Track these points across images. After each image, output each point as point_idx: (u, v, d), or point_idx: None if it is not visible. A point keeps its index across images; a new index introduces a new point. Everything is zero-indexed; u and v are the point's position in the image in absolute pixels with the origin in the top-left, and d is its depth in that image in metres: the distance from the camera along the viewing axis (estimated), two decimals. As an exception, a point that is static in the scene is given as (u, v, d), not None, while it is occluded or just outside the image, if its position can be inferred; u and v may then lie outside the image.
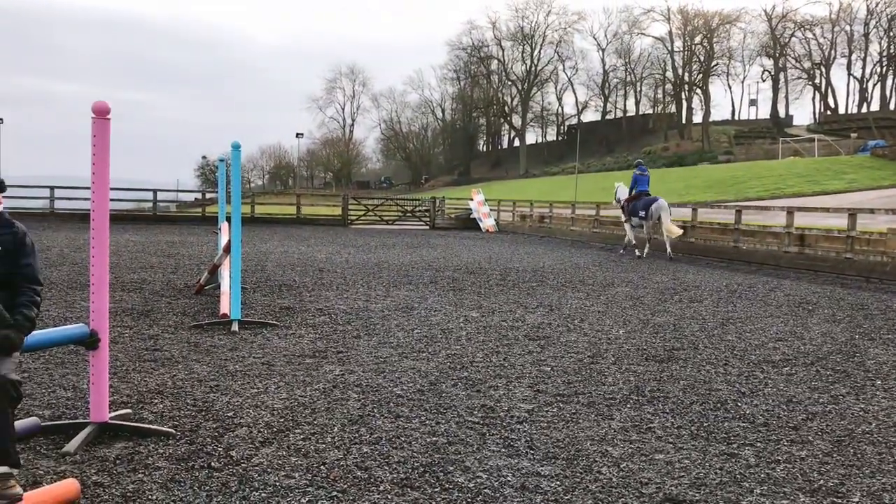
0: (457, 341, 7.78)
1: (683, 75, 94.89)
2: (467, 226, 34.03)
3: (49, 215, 29.21)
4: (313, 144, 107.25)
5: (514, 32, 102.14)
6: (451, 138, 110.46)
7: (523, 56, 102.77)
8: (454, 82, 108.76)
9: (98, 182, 4.45)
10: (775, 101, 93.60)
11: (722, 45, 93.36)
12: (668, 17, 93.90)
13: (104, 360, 4.55)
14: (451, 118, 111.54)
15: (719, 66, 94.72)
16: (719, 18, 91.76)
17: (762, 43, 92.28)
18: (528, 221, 32.66)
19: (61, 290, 10.25)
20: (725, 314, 10.11)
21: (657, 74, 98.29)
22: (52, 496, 3.52)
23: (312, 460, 4.26)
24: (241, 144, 8.82)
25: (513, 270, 15.11)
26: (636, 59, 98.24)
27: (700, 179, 54.14)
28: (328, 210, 37.31)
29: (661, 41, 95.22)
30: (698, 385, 6.26)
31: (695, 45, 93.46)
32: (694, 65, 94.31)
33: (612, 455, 4.50)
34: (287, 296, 10.67)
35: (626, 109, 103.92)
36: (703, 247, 20.48)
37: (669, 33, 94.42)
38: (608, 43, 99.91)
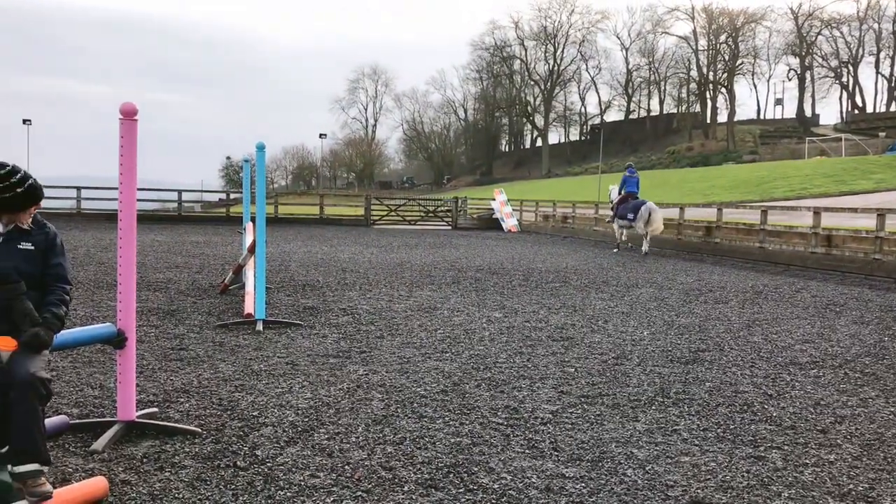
0: (480, 342, 7.78)
1: (708, 74, 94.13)
2: (490, 226, 33.99)
3: (76, 215, 29.56)
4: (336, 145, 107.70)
5: (538, 32, 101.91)
6: (474, 138, 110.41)
7: (546, 56, 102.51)
8: (477, 82, 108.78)
9: (126, 183, 4.49)
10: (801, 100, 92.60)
11: (747, 44, 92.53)
12: (692, 16, 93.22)
13: (131, 359, 4.59)
14: (473, 118, 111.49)
15: (744, 64, 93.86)
16: (744, 17, 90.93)
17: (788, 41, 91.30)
18: (551, 222, 32.55)
19: (88, 290, 10.36)
20: (751, 315, 10.01)
21: (681, 73, 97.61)
22: (80, 494, 3.56)
23: (337, 460, 4.28)
24: (266, 145, 8.87)
25: (536, 271, 15.06)
26: (660, 59, 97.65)
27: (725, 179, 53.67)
28: (351, 210, 37.43)
29: (685, 40, 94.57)
30: (724, 387, 6.20)
31: (720, 44, 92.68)
32: (719, 64, 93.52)
33: (637, 457, 4.47)
34: (311, 296, 10.72)
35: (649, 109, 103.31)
36: (728, 247, 20.30)
37: (694, 32, 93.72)
38: (632, 42, 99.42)
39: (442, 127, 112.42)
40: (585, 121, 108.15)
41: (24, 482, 3.37)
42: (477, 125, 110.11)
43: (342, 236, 24.96)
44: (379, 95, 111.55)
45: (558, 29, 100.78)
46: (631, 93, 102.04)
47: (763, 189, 43.32)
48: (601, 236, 26.38)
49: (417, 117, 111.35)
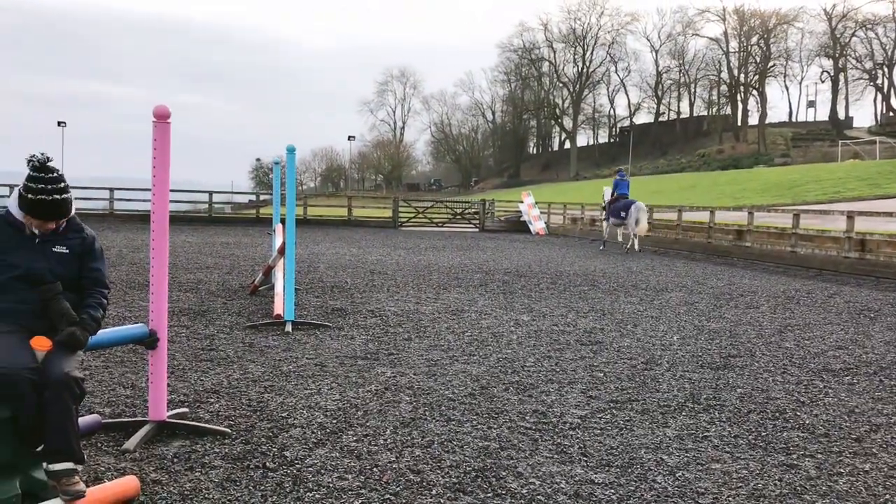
0: (507, 345, 7.75)
1: (739, 76, 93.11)
2: (517, 228, 33.90)
3: (108, 216, 29.95)
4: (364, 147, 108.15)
5: (566, 34, 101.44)
6: (501, 140, 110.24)
7: (575, 58, 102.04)
8: (505, 84, 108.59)
9: (159, 184, 4.54)
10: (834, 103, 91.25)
11: (779, 46, 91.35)
12: (723, 18, 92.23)
13: (162, 359, 4.64)
14: (501, 120, 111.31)
15: (776, 66, 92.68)
16: (776, 18, 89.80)
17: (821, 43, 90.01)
18: (580, 224, 32.39)
19: (120, 290, 10.49)
20: (783, 321, 9.88)
21: (712, 76, 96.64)
22: (112, 492, 3.60)
23: (365, 462, 4.28)
24: (296, 147, 8.93)
25: (564, 274, 15.00)
26: (690, 61, 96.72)
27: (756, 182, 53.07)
28: (379, 212, 37.53)
29: (716, 42, 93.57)
30: (756, 393, 6.13)
31: (751, 46, 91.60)
32: (750, 66, 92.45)
33: (667, 463, 4.43)
34: (339, 297, 10.76)
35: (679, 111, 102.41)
36: (759, 251, 20.07)
37: (725, 34, 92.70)
38: (662, 44, 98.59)
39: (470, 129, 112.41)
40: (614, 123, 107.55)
41: (59, 480, 3.42)
42: (505, 127, 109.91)
43: (370, 238, 25.04)
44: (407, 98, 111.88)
45: (587, 31, 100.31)
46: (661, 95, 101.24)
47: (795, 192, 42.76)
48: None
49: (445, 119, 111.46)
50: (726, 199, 41.81)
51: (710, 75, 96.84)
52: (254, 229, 27.11)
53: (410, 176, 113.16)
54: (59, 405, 3.37)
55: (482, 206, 35.91)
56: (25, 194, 3.58)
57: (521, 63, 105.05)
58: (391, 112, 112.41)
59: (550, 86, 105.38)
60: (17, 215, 3.67)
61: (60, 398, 3.37)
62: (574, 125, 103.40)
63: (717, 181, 58.74)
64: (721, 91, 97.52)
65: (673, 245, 23.72)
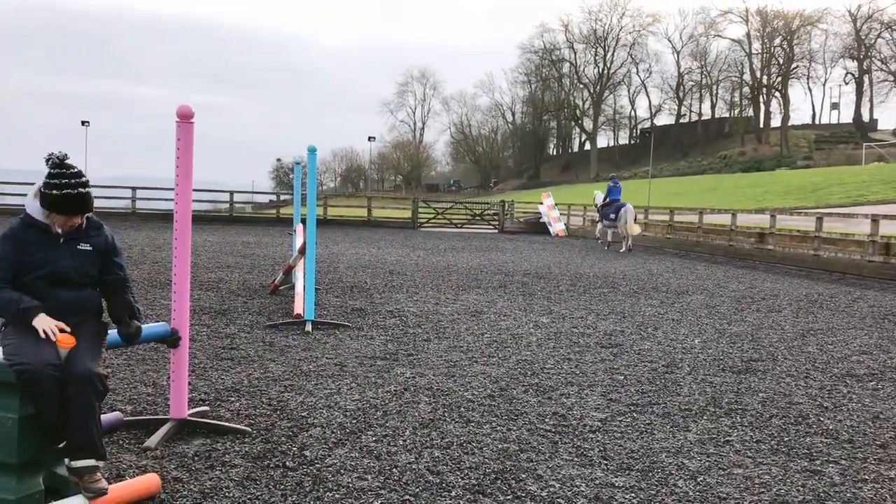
0: (527, 347, 7.73)
1: (761, 78, 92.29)
2: (537, 230, 33.81)
3: (131, 215, 30.21)
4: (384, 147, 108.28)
5: (587, 35, 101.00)
6: (521, 141, 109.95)
7: (596, 59, 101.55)
8: (525, 85, 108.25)
9: (182, 184, 4.57)
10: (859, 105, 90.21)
11: (802, 47, 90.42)
12: (746, 19, 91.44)
13: (184, 358, 4.67)
14: (521, 121, 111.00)
15: (799, 68, 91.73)
16: (800, 20, 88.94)
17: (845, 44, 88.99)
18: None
19: (142, 288, 10.57)
20: (805, 325, 9.78)
21: (734, 77, 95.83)
22: (134, 490, 3.62)
23: (385, 463, 4.28)
24: (316, 148, 8.96)
25: (583, 276, 14.94)
26: (712, 62, 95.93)
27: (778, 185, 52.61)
28: (398, 213, 37.56)
29: (738, 43, 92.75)
30: (778, 398, 6.07)
31: (774, 48, 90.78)
32: (773, 67, 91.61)
33: (688, 468, 4.39)
34: (358, 297, 10.78)
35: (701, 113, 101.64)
36: (781, 254, 19.89)
37: (747, 35, 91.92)
38: (683, 45, 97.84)
39: (489, 130, 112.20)
40: (635, 124, 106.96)
41: (81, 477, 3.44)
42: (525, 128, 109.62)
43: (389, 238, 25.08)
44: (427, 98, 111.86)
45: (608, 32, 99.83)
46: (682, 96, 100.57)
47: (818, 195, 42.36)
48: (650, 242, 26.08)
49: (465, 120, 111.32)
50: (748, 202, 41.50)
51: (733, 77, 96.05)
52: (274, 229, 27.23)
53: (430, 177, 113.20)
54: (83, 402, 3.40)
55: (501, 208, 35.85)
56: (49, 191, 3.59)
57: (542, 64, 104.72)
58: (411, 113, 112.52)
59: (571, 87, 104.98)
60: (39, 216, 3.66)
61: (84, 395, 3.40)
62: (594, 126, 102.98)
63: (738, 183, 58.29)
64: (743, 93, 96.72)
65: (694, 248, 23.56)
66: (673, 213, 26.86)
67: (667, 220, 26.66)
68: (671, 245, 24.87)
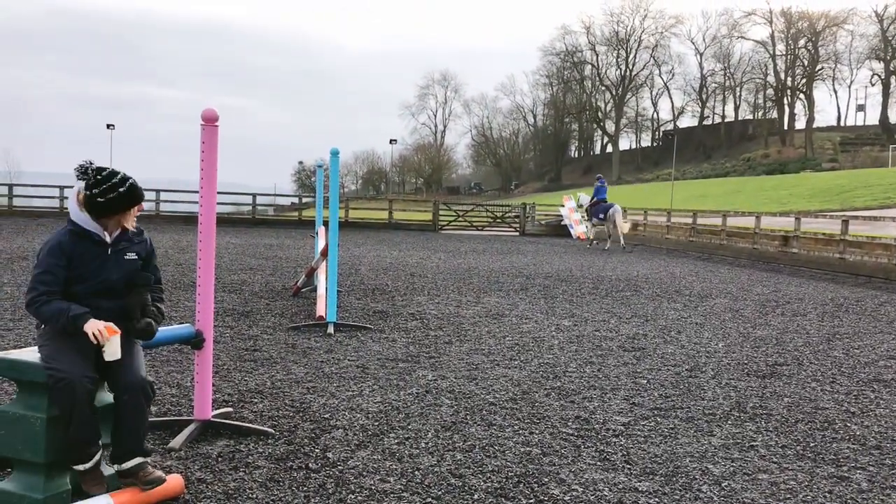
0: (549, 350, 7.71)
1: (786, 80, 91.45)
2: (558, 233, 33.69)
3: (155, 217, 30.47)
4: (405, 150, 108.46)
5: (609, 37, 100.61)
6: (542, 144, 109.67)
7: (618, 61, 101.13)
8: (546, 88, 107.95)
9: (206, 187, 4.60)
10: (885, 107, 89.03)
11: (828, 49, 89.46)
12: (770, 20, 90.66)
13: (208, 359, 4.70)
14: (542, 124, 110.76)
15: (824, 70, 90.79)
16: (825, 20, 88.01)
17: (872, 45, 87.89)
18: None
19: (166, 290, 10.62)
20: (831, 329, 9.67)
21: (758, 79, 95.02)
22: (158, 490, 3.64)
23: (407, 465, 4.29)
24: (339, 150, 9.00)
25: (605, 279, 14.87)
26: (735, 64, 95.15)
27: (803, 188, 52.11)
28: (419, 215, 37.58)
29: (762, 45, 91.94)
30: (803, 403, 6.00)
31: (798, 49, 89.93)
32: (797, 69, 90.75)
33: (712, 473, 4.36)
34: (380, 300, 10.81)
35: (724, 115, 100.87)
36: (806, 258, 19.68)
37: (771, 36, 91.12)
38: (706, 47, 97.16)
39: (511, 133, 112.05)
40: (657, 126, 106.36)
41: (136, 476, 3.56)
42: (546, 131, 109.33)
43: (410, 241, 25.11)
44: (448, 101, 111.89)
45: (631, 34, 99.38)
46: (705, 98, 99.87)
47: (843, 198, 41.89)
48: (673, 244, 25.91)
49: (486, 123, 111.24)
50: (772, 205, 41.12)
51: (756, 79, 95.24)
52: (296, 231, 27.34)
53: (451, 179, 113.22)
54: (137, 409, 3.54)
55: (522, 210, 35.78)
56: (102, 198, 3.56)
57: (563, 66, 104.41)
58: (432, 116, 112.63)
59: (593, 89, 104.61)
60: (86, 224, 3.62)
61: (137, 402, 3.54)
62: (616, 129, 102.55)
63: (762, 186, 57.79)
64: (767, 95, 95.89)
65: (717, 251, 23.38)
66: (696, 216, 26.66)
67: (690, 223, 26.49)
68: (694, 248, 24.70)
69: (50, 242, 3.59)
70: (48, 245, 3.58)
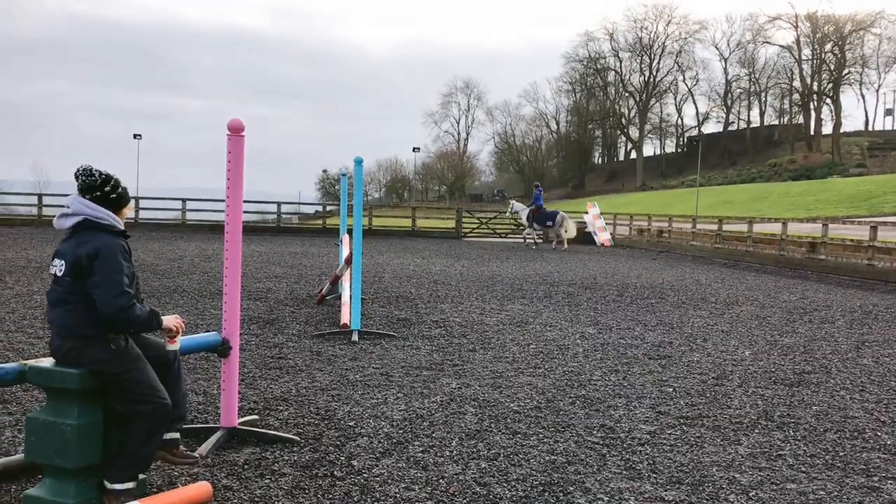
0: (573, 358, 7.68)
1: (812, 85, 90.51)
2: (582, 240, 33.58)
3: (181, 226, 30.78)
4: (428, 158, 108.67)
5: (633, 43, 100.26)
6: (566, 151, 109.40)
7: (641, 67, 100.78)
8: (569, 94, 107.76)
9: (232, 196, 4.64)
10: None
11: (855, 53, 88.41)
12: (795, 25, 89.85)
13: (235, 367, 4.73)
14: (565, 130, 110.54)
15: (851, 74, 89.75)
16: (852, 24, 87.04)
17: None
18: (646, 236, 31.91)
19: (192, 298, 10.75)
20: (860, 336, 9.55)
21: (783, 84, 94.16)
22: (186, 497, 3.67)
23: (431, 473, 4.29)
24: (363, 159, 9.04)
25: (630, 286, 14.79)
26: (761, 69, 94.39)
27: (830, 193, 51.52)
28: (442, 223, 37.63)
29: (787, 49, 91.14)
30: (832, 411, 5.93)
31: (824, 53, 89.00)
32: (823, 73, 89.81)
33: (740, 482, 4.31)
34: (404, 307, 10.83)
35: (749, 120, 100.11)
36: (834, 264, 19.44)
37: (797, 41, 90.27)
38: (731, 52, 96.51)
39: (534, 140, 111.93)
40: (682, 132, 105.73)
41: (171, 451, 3.79)
42: (569, 137, 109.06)
43: (433, 248, 25.14)
44: (471, 109, 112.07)
45: (654, 40, 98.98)
46: (730, 104, 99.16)
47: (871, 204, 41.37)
48: (698, 251, 25.73)
49: (509, 130, 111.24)
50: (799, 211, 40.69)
51: (782, 84, 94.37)
52: (320, 239, 27.48)
53: (473, 187, 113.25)
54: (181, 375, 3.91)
55: (546, 217, 35.64)
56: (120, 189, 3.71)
57: (587, 73, 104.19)
58: (455, 123, 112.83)
59: (616, 95, 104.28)
60: (118, 223, 3.69)
61: (180, 370, 3.90)
62: (640, 135, 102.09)
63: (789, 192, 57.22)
64: (793, 100, 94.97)
65: (743, 257, 23.17)
66: (721, 222, 26.45)
67: (715, 230, 26.28)
68: (720, 255, 24.50)
69: (109, 247, 3.55)
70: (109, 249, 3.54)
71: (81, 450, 3.47)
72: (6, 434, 4.70)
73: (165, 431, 3.69)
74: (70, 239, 3.62)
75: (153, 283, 12.08)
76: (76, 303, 3.54)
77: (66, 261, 3.55)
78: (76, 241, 3.58)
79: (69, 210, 3.62)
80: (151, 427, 3.57)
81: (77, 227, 3.61)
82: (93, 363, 3.53)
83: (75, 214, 3.61)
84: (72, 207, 3.62)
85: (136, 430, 3.54)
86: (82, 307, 3.54)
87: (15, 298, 10.11)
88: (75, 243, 3.58)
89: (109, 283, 3.49)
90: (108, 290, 3.48)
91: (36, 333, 7.83)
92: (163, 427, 3.63)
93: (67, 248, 3.59)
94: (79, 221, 3.60)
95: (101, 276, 3.50)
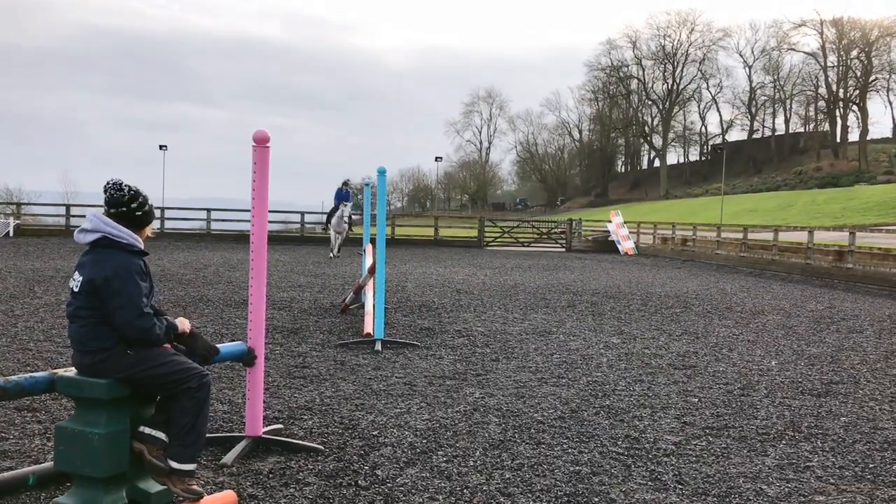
0: (597, 368, 7.64)
1: (838, 91, 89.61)
2: (605, 249, 33.44)
3: (206, 236, 31.06)
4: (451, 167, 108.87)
5: (656, 51, 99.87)
6: (588, 159, 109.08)
7: (665, 75, 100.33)
8: (592, 103, 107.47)
9: (258, 206, 4.68)
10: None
11: (882, 59, 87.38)
12: (820, 31, 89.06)
13: (259, 376, 4.77)
14: (588, 139, 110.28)
15: (878, 80, 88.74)
16: (879, 30, 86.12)
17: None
18: (670, 244, 31.72)
19: (217, 308, 10.83)
20: (889, 346, 9.41)
21: (809, 91, 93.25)
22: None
23: (455, 483, 4.28)
24: (386, 169, 9.09)
25: (654, 295, 14.70)
26: (785, 76, 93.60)
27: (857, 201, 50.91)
28: (464, 232, 37.69)
29: (812, 56, 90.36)
30: (861, 422, 5.85)
31: (850, 60, 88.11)
32: (850, 80, 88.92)
33: (767, 494, 4.27)
34: (426, 316, 10.84)
35: (774, 128, 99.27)
36: (861, 273, 19.20)
37: (822, 48, 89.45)
38: (755, 59, 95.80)
39: (556, 148, 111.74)
40: (706, 140, 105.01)
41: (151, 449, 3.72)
42: (592, 146, 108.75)
43: (456, 257, 25.15)
44: (493, 118, 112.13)
45: (677, 48, 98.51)
46: (754, 111, 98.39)
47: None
48: (723, 260, 25.52)
49: (531, 139, 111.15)
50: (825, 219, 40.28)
51: (807, 91, 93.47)
52: (343, 249, 27.59)
53: (496, 195, 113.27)
54: None
55: (569, 226, 35.60)
56: (146, 207, 3.71)
57: (609, 81, 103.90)
58: (477, 132, 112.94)
59: (639, 103, 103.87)
60: (137, 242, 3.68)
61: None
62: (664, 143, 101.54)
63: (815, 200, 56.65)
64: (818, 107, 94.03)
65: (769, 266, 22.96)
66: (747, 231, 26.23)
67: (740, 238, 26.06)
68: (745, 264, 24.29)
69: (126, 268, 3.55)
70: (125, 271, 3.54)
71: (109, 459, 3.50)
72: (35, 442, 4.76)
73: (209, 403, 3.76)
74: (89, 254, 3.64)
75: (178, 293, 12.19)
76: (87, 317, 3.55)
77: (83, 278, 3.56)
78: (93, 259, 3.59)
79: (88, 226, 3.61)
80: (199, 398, 3.63)
81: (95, 244, 3.61)
82: (119, 371, 3.55)
83: (94, 231, 3.60)
84: (91, 224, 3.61)
85: (182, 406, 3.60)
86: (93, 322, 3.55)
87: (44, 308, 10.24)
88: (92, 261, 3.58)
89: (130, 306, 3.51)
90: (129, 313, 3.50)
91: (64, 343, 7.92)
92: (209, 396, 3.70)
93: (85, 264, 3.61)
94: (97, 238, 3.60)
95: (120, 299, 3.51)
